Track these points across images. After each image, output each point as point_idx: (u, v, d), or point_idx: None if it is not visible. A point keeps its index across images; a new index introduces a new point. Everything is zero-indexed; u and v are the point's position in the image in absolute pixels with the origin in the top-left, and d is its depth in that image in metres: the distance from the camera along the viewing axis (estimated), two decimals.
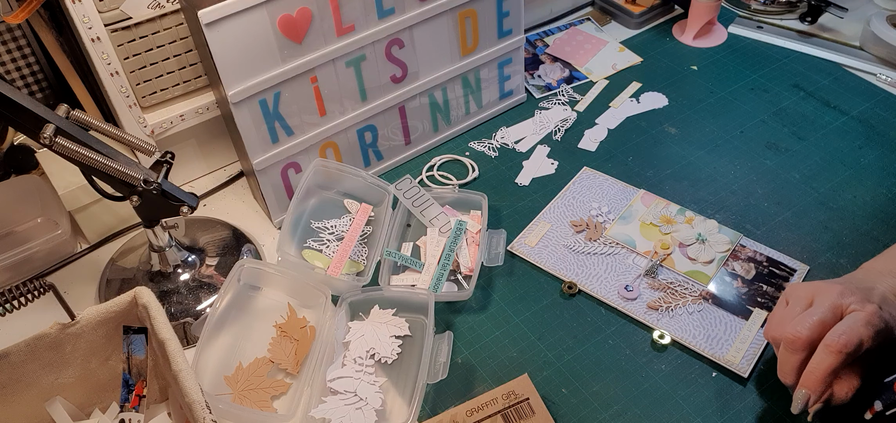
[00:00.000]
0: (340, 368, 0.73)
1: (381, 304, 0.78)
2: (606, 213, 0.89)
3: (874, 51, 1.11)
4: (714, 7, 1.15)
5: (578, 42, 1.20)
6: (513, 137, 1.02)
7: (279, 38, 0.80)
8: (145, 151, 0.76)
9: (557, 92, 1.10)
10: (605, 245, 0.85)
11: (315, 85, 0.85)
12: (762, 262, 0.81)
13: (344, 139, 0.92)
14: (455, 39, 0.94)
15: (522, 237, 0.87)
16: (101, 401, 0.68)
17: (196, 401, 0.56)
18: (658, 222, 0.87)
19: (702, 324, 0.76)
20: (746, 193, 0.90)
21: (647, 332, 0.76)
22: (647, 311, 0.77)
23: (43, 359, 0.63)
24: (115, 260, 0.87)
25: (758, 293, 0.78)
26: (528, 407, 0.67)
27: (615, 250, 0.84)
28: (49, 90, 1.02)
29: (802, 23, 1.20)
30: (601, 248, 0.85)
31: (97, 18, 0.79)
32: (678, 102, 1.06)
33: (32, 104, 0.66)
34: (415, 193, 0.89)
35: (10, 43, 0.95)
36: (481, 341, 0.76)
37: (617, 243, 0.85)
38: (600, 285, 0.81)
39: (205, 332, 0.73)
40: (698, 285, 0.79)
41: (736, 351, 0.73)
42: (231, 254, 0.86)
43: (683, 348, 0.74)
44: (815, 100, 1.04)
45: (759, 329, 0.74)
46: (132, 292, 0.64)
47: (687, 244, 0.84)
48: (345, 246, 0.85)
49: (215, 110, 0.92)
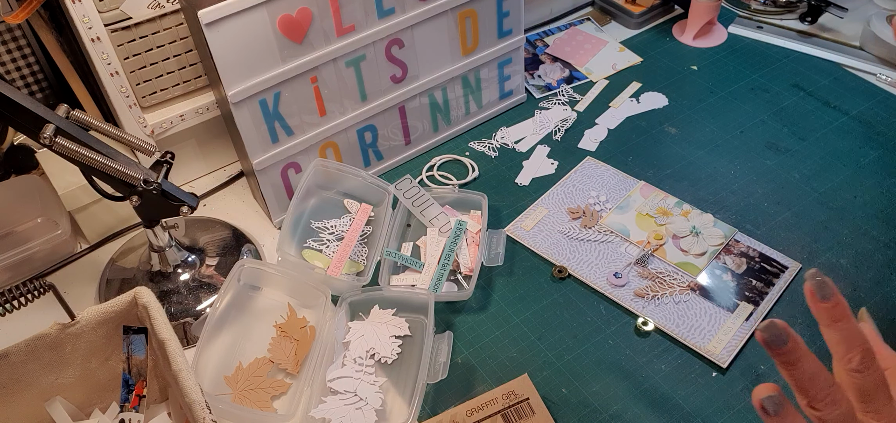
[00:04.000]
0: (340, 368, 0.73)
1: (381, 304, 0.78)
2: (604, 202, 0.90)
3: (874, 51, 1.11)
4: (714, 7, 1.15)
5: (578, 42, 1.20)
6: (513, 137, 1.02)
7: (279, 39, 0.80)
8: (145, 151, 0.76)
9: (557, 92, 1.10)
10: (599, 233, 0.86)
11: (315, 85, 0.85)
12: (754, 257, 0.82)
13: (344, 139, 0.92)
14: (455, 39, 0.94)
15: (519, 221, 0.88)
16: (101, 401, 0.68)
17: (196, 401, 0.56)
18: (654, 213, 0.88)
19: (686, 314, 0.77)
20: (746, 192, 0.90)
21: (633, 318, 0.77)
22: (634, 298, 0.78)
23: (43, 359, 0.63)
24: (115, 260, 0.87)
25: (746, 288, 0.79)
26: (528, 407, 0.67)
27: (609, 238, 0.85)
28: (49, 90, 1.02)
29: (802, 23, 1.20)
30: (595, 235, 0.86)
31: (97, 18, 0.79)
32: (678, 102, 1.06)
33: (32, 104, 0.66)
34: (415, 193, 0.89)
35: (10, 43, 0.95)
36: (481, 341, 0.76)
37: (611, 231, 0.86)
38: (590, 270, 0.82)
39: (205, 332, 0.73)
40: (687, 276, 0.80)
41: (717, 342, 0.74)
42: (231, 254, 0.86)
43: (666, 335, 0.75)
44: (815, 100, 1.04)
45: (743, 323, 0.75)
46: (132, 292, 0.64)
47: (681, 236, 0.85)
48: (345, 246, 0.85)
49: (215, 110, 0.92)
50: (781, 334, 0.41)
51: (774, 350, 0.41)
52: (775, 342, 0.41)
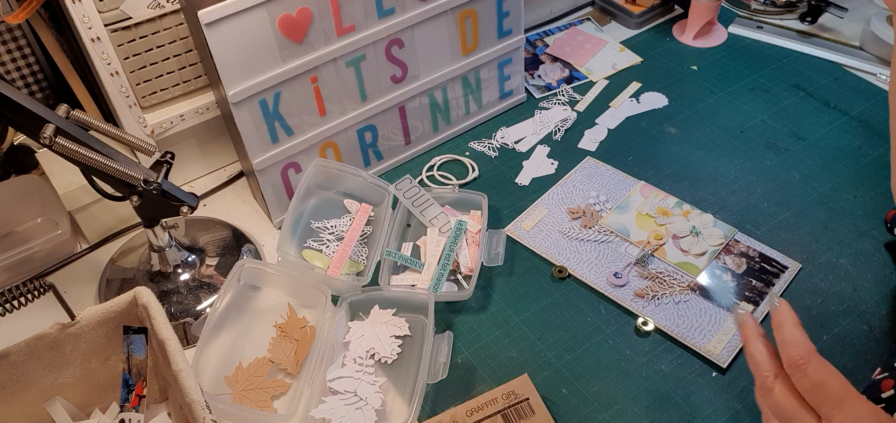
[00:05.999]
0: (340, 368, 0.73)
1: (381, 304, 0.78)
2: (604, 202, 0.90)
3: (874, 51, 1.11)
4: (714, 7, 1.15)
5: (578, 42, 1.20)
6: (513, 137, 1.02)
7: (279, 38, 0.80)
8: (145, 151, 0.76)
9: (557, 92, 1.10)
10: (599, 233, 0.86)
11: (315, 85, 0.85)
12: (754, 258, 0.82)
13: (344, 139, 0.92)
14: (455, 39, 0.94)
15: (519, 221, 0.88)
16: (101, 401, 0.68)
17: (196, 401, 0.56)
18: (654, 213, 0.88)
19: (686, 314, 0.77)
20: (746, 192, 0.90)
21: (633, 318, 0.77)
22: (634, 298, 0.78)
23: (43, 359, 0.63)
24: (115, 260, 0.87)
25: (746, 288, 0.79)
26: (528, 407, 0.67)
27: (609, 238, 0.85)
28: (49, 90, 1.02)
29: (802, 23, 1.20)
30: (595, 235, 0.86)
31: (97, 18, 0.79)
32: (678, 102, 1.06)
33: (32, 104, 0.65)
34: (415, 193, 0.89)
35: (10, 43, 0.95)
36: (481, 341, 0.76)
37: (611, 231, 0.86)
38: (590, 270, 0.82)
39: (205, 332, 0.73)
40: (687, 276, 0.80)
41: (717, 342, 0.74)
42: (231, 254, 0.86)
43: (666, 335, 0.75)
44: (815, 100, 1.04)
45: None
46: (132, 292, 0.64)
47: (681, 236, 0.85)
48: (345, 246, 0.85)
49: (215, 110, 0.92)
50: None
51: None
52: None
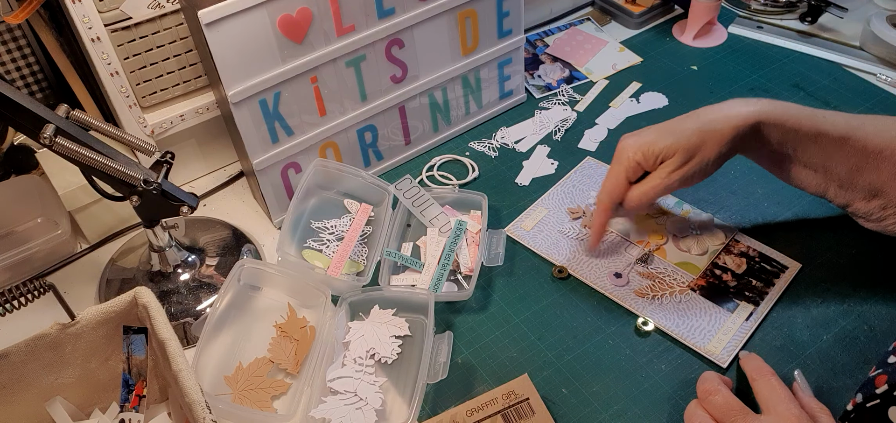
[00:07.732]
0: (340, 368, 0.73)
1: (381, 304, 0.78)
2: None
3: (874, 51, 1.11)
4: (714, 7, 1.15)
5: (578, 42, 1.20)
6: (513, 137, 1.02)
7: (279, 38, 0.80)
8: (145, 151, 0.76)
9: (557, 92, 1.10)
10: None
11: (315, 85, 0.85)
12: (754, 257, 0.82)
13: (344, 139, 0.92)
14: (455, 39, 0.94)
15: (519, 221, 0.88)
16: (101, 401, 0.68)
17: (196, 401, 0.56)
18: (654, 213, 0.88)
19: (686, 314, 0.77)
20: (746, 193, 0.90)
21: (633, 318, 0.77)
22: (635, 298, 0.78)
23: (43, 359, 0.63)
24: (115, 260, 0.87)
25: (746, 288, 0.78)
26: (528, 407, 0.67)
27: (609, 237, 0.85)
28: (49, 90, 1.02)
29: (802, 23, 1.20)
30: None
31: (97, 18, 0.79)
32: (678, 102, 1.06)
33: (32, 104, 0.65)
34: (415, 193, 0.89)
35: (10, 43, 0.95)
36: (481, 341, 0.76)
37: (611, 231, 0.86)
38: (591, 271, 0.82)
39: (205, 332, 0.73)
40: (688, 276, 0.80)
41: (717, 342, 0.73)
42: (231, 254, 0.86)
43: (666, 335, 0.75)
44: (815, 100, 1.04)
45: (743, 323, 0.75)
46: (132, 292, 0.64)
47: (681, 236, 0.84)
48: (345, 246, 0.85)
49: (215, 110, 0.92)
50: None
51: None
52: None
